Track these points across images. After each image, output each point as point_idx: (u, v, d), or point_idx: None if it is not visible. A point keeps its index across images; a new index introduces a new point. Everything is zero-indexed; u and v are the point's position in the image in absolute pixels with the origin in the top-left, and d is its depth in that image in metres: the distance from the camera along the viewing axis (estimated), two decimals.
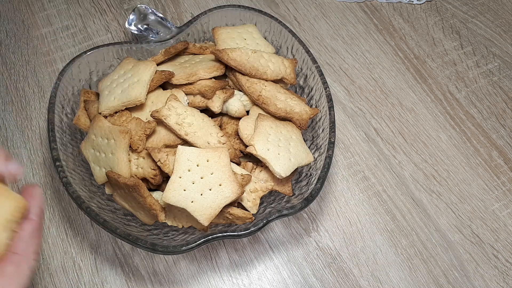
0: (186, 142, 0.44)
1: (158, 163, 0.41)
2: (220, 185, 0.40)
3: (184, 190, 0.40)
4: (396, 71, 0.62)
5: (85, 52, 0.48)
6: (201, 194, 0.40)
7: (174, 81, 0.46)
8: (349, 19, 0.66)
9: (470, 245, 0.51)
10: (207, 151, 0.41)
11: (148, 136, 0.44)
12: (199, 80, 0.46)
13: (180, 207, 0.39)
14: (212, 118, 0.47)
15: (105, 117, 0.44)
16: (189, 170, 0.40)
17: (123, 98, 0.44)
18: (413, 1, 0.68)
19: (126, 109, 0.45)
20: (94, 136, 0.44)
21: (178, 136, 0.44)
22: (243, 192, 0.41)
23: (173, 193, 0.39)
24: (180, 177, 0.40)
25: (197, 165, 0.40)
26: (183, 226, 0.43)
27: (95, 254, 0.48)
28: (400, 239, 0.51)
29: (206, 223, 0.39)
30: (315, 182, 0.43)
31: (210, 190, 0.40)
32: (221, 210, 0.40)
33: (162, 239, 0.42)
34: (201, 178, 0.40)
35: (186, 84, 0.46)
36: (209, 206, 0.39)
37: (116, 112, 0.45)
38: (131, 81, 0.44)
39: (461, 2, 0.69)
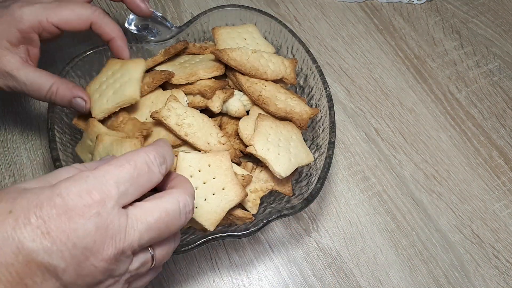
0: (186, 143, 0.44)
1: None
2: (223, 189, 0.40)
3: None
4: (396, 71, 0.62)
5: (85, 52, 0.48)
6: (205, 199, 0.40)
7: (174, 81, 0.46)
8: (349, 19, 0.66)
9: (470, 245, 0.51)
10: (208, 155, 0.41)
11: (146, 137, 0.43)
12: (199, 80, 0.46)
13: None
14: (212, 118, 0.47)
15: (101, 120, 0.44)
16: (191, 176, 0.40)
17: (116, 99, 0.43)
18: (413, 1, 0.68)
19: (123, 110, 0.44)
20: (90, 141, 0.43)
21: (178, 136, 0.43)
22: (247, 195, 0.41)
23: None
24: None
25: (199, 171, 0.40)
26: None
27: None
28: (400, 239, 0.51)
29: (211, 228, 0.39)
30: (315, 182, 0.43)
31: (213, 194, 0.40)
32: None
33: None
34: (204, 183, 0.40)
35: (186, 84, 0.46)
36: (213, 211, 0.39)
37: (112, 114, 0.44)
38: (122, 81, 0.44)
39: (462, 2, 0.69)
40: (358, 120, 0.58)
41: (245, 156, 0.46)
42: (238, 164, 0.45)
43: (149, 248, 0.30)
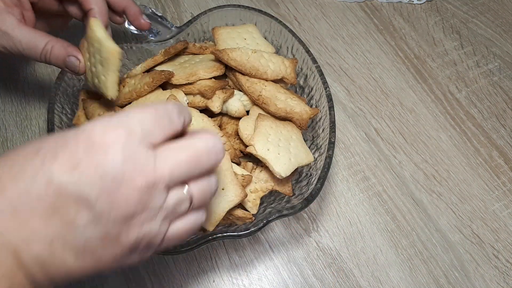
0: None
1: None
2: (223, 189, 0.40)
3: None
4: (396, 71, 0.62)
5: None
6: None
7: (174, 81, 0.46)
8: (349, 19, 0.66)
9: (470, 245, 0.51)
10: None
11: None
12: (199, 80, 0.46)
13: None
14: (212, 118, 0.47)
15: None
16: None
17: (105, 68, 0.41)
18: (413, 1, 0.68)
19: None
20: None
21: None
22: (247, 195, 0.41)
23: None
24: None
25: None
26: None
27: None
28: (400, 239, 0.51)
29: (211, 229, 0.39)
30: (315, 182, 0.43)
31: None
32: None
33: None
34: None
35: (186, 84, 0.46)
36: (213, 211, 0.39)
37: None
38: (97, 49, 0.41)
39: (462, 2, 0.69)
40: (358, 120, 0.58)
41: (245, 156, 0.46)
42: (238, 164, 0.45)
43: (184, 187, 0.29)
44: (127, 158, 0.25)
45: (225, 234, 0.39)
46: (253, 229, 0.40)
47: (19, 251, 0.24)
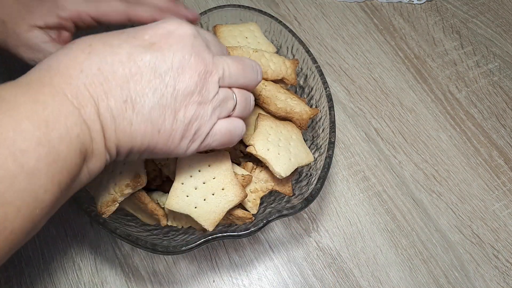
0: None
1: (159, 165, 0.41)
2: (222, 189, 0.40)
3: (187, 196, 0.39)
4: (396, 71, 0.62)
5: None
6: (204, 199, 0.40)
7: None
8: (349, 19, 0.66)
9: (470, 245, 0.51)
10: (208, 156, 0.41)
11: None
12: None
13: (184, 213, 0.39)
14: None
15: None
16: (191, 176, 0.40)
17: None
18: (413, 1, 0.68)
19: None
20: None
21: None
22: (246, 196, 0.41)
23: (176, 200, 0.39)
24: (183, 183, 0.40)
25: (199, 171, 0.40)
26: (182, 226, 0.43)
27: (95, 254, 0.48)
28: (400, 239, 0.51)
29: (210, 228, 0.39)
30: (315, 182, 0.43)
31: (213, 195, 0.40)
32: None
33: (162, 239, 0.41)
34: (204, 183, 0.40)
35: None
36: (212, 211, 0.39)
37: None
38: None
39: (462, 2, 0.69)
40: (358, 120, 0.58)
41: (245, 156, 0.46)
42: (238, 164, 0.45)
43: (231, 90, 0.34)
44: (195, 47, 0.32)
45: (225, 234, 0.39)
46: (253, 229, 0.39)
47: (99, 102, 0.28)
